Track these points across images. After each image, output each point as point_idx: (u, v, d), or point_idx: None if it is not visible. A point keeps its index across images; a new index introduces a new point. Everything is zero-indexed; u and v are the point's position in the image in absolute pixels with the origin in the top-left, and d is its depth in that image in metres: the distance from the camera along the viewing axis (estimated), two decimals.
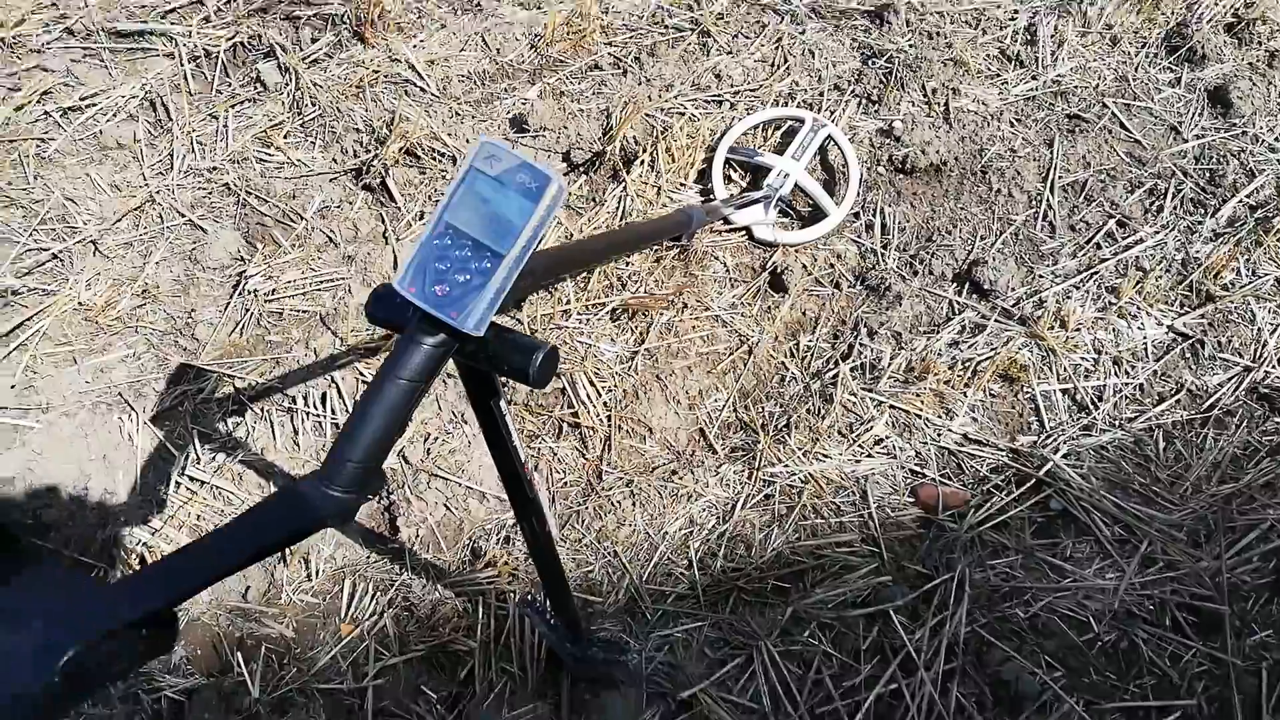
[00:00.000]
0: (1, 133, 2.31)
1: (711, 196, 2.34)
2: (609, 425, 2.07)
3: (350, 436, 0.88)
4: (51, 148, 2.31)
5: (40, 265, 2.16)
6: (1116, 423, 2.05)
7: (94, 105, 2.39)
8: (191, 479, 1.96)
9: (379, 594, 1.88)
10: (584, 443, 2.07)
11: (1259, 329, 2.12)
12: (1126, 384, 2.10)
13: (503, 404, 1.16)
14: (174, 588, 0.74)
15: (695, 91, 2.48)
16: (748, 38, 2.57)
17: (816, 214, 2.33)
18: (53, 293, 2.12)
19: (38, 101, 2.38)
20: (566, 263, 1.42)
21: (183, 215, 2.25)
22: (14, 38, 2.46)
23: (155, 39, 2.50)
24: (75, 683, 0.65)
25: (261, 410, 2.03)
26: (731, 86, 2.48)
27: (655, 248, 2.24)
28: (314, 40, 2.50)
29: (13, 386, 2.01)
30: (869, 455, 2.02)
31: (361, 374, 2.06)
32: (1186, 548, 1.88)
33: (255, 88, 2.44)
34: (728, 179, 2.39)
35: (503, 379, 1.07)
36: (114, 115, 2.38)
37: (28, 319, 2.07)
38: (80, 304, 2.11)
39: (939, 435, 2.04)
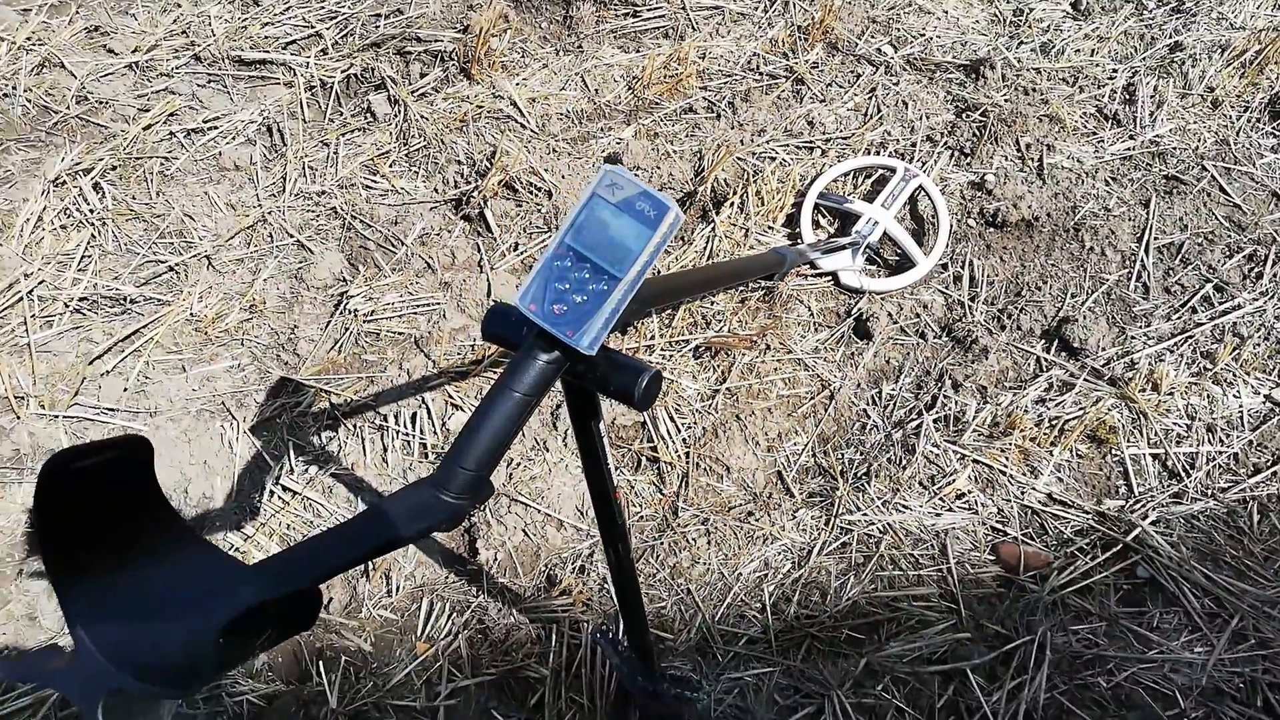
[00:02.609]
0: (130, 150, 2.46)
1: (799, 240, 2.37)
2: (687, 462, 2.09)
3: (465, 444, 0.92)
4: (174, 166, 2.45)
5: (157, 276, 2.28)
6: (1209, 492, 2.00)
7: (215, 128, 2.53)
8: (285, 489, 2.03)
9: (455, 615, 1.92)
10: (661, 478, 2.09)
11: None
12: (1220, 452, 2.04)
13: (602, 426, 1.19)
14: (314, 570, 0.80)
15: (787, 137, 2.52)
16: (841, 87, 2.60)
17: (904, 263, 2.33)
18: (167, 303, 2.24)
19: (164, 122, 2.53)
20: (669, 292, 1.46)
21: (291, 236, 2.36)
22: (146, 62, 2.63)
23: (275, 68, 2.64)
24: (232, 648, 0.71)
25: (354, 426, 2.11)
26: (824, 133, 2.51)
27: (740, 288, 2.27)
28: (423, 75, 2.61)
29: (125, 390, 2.12)
30: (950, 509, 2.00)
31: (451, 397, 2.12)
32: None
33: (365, 118, 2.56)
34: (816, 224, 2.42)
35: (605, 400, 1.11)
36: (233, 138, 2.51)
37: (144, 326, 2.19)
38: (192, 315, 2.22)
39: (1023, 493, 2.02)
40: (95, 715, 0.67)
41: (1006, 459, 2.04)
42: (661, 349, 2.21)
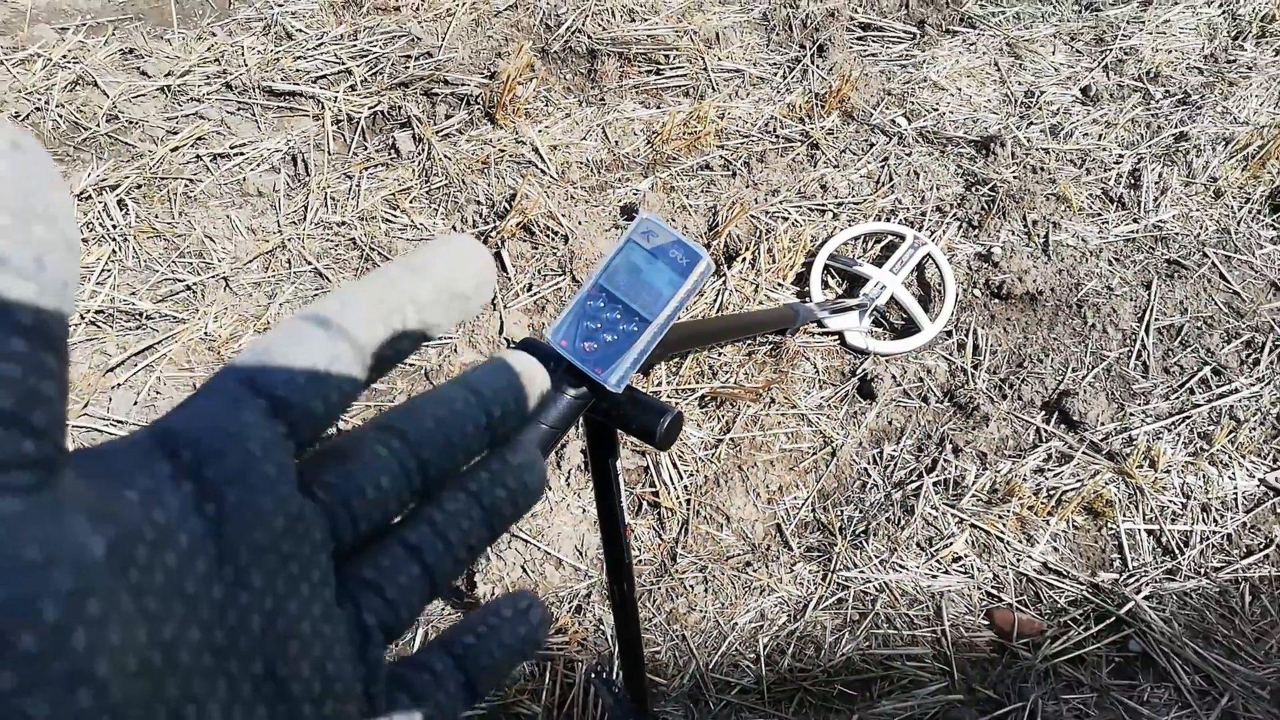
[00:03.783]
0: (156, 170, 2.50)
1: (808, 299, 2.42)
2: (688, 509, 2.11)
3: None
4: (198, 188, 2.49)
5: (174, 294, 2.31)
6: (1202, 570, 2.02)
7: (241, 154, 2.58)
8: None
9: None
10: (662, 523, 2.10)
11: None
12: (1214, 532, 2.07)
13: (619, 464, 1.22)
14: None
15: (800, 199, 2.58)
16: (855, 154, 2.68)
17: (909, 328, 2.38)
18: (183, 321, 2.26)
19: (191, 145, 2.58)
20: (692, 338, 1.50)
21: (309, 263, 2.39)
22: (178, 86, 2.69)
23: (304, 101, 2.71)
24: None
25: None
26: (836, 197, 2.58)
27: (749, 342, 2.31)
28: (448, 116, 2.68)
29: (135, 403, 2.13)
30: (946, 571, 2.01)
31: None
32: (1270, 707, 1.82)
33: (390, 154, 2.61)
34: (825, 284, 2.47)
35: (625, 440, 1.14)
36: (258, 165, 2.56)
37: (158, 342, 2.21)
38: (206, 334, 2.25)
39: (1018, 560, 2.03)
40: None
41: (1004, 525, 2.06)
42: (668, 396, 2.24)
